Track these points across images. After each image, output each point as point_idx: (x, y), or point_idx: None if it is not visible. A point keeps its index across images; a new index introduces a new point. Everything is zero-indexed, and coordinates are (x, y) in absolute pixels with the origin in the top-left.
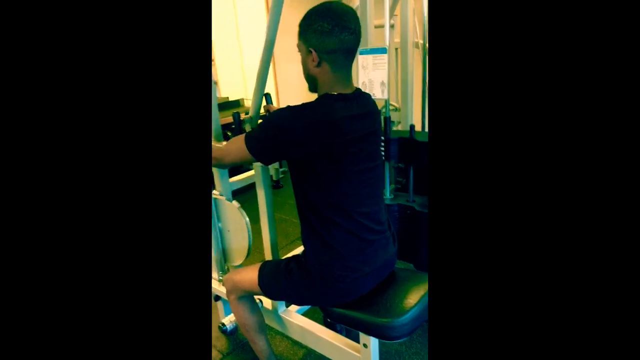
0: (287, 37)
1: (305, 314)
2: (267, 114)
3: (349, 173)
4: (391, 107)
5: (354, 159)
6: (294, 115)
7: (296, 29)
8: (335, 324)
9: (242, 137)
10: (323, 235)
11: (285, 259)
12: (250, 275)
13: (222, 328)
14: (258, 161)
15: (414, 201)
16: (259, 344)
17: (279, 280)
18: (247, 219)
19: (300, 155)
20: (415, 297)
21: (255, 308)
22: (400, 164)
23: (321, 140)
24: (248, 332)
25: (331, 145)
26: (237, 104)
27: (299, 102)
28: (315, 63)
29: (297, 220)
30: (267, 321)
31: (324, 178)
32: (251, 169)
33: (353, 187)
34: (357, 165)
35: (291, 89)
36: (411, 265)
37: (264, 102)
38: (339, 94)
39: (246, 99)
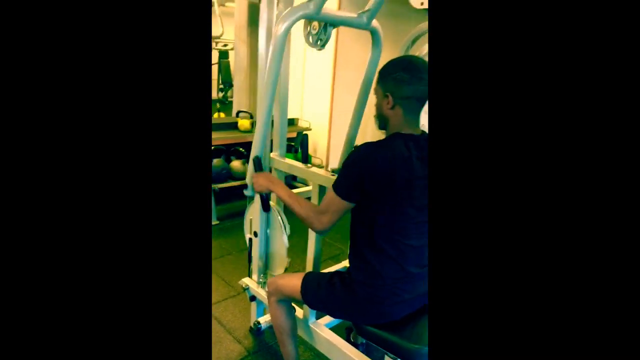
0: (349, 72)
1: (332, 329)
2: None
3: (408, 207)
4: None
5: (416, 195)
6: (372, 151)
7: (356, 65)
8: (357, 342)
9: (330, 191)
10: (371, 259)
11: (329, 273)
12: (293, 282)
13: (257, 326)
14: (348, 202)
15: None
16: (288, 347)
17: (321, 291)
18: (287, 224)
19: (374, 187)
20: None
21: (292, 313)
22: None
23: (394, 175)
24: (281, 334)
25: (401, 179)
26: (292, 122)
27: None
28: (390, 106)
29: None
30: None
31: (385, 207)
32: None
33: (408, 220)
34: (417, 201)
35: (344, 115)
36: None
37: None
38: (409, 135)
39: (300, 119)
